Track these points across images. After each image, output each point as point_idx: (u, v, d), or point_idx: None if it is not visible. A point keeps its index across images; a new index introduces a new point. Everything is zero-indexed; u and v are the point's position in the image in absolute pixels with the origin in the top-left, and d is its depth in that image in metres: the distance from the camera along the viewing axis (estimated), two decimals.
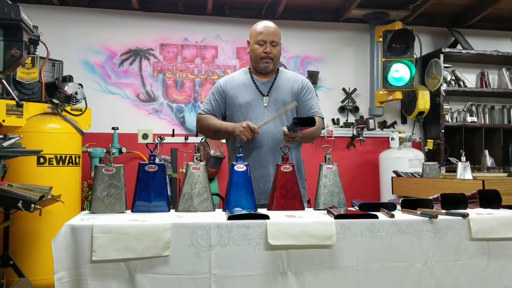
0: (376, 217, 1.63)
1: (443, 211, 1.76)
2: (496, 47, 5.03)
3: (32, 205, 2.40)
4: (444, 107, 4.75)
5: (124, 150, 4.30)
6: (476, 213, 1.75)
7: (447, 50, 4.83)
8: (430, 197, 1.90)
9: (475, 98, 5.18)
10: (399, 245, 1.60)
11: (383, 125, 5.06)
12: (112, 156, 1.84)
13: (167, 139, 4.58)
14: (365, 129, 4.93)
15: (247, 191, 1.88)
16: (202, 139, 4.48)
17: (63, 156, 3.30)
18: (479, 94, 5.10)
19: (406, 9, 4.70)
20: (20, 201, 2.39)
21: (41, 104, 3.34)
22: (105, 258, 1.44)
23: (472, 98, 5.17)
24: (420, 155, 4.60)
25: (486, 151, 4.52)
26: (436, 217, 1.63)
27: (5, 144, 2.48)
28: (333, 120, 4.95)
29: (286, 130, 2.15)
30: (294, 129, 2.10)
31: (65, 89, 3.38)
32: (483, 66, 5.21)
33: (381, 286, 1.58)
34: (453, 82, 5.04)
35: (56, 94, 3.38)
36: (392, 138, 4.74)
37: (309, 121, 2.05)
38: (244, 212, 1.64)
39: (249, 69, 2.53)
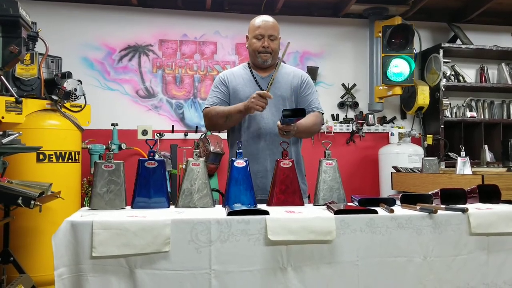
0: (375, 212, 1.63)
1: (443, 206, 1.76)
2: (496, 42, 5.03)
3: (32, 202, 2.40)
4: (444, 102, 4.75)
5: (123, 146, 4.30)
6: (475, 208, 1.75)
7: (447, 45, 4.82)
8: (430, 192, 1.90)
9: (474, 93, 5.18)
10: (398, 240, 1.61)
11: (382, 120, 5.06)
12: (112, 152, 1.84)
13: (167, 135, 4.58)
14: (364, 124, 4.93)
15: (247, 187, 1.88)
16: (201, 135, 4.48)
17: (63, 152, 3.30)
18: (478, 89, 5.10)
19: (405, 4, 4.69)
20: (20, 198, 2.39)
21: (40, 101, 3.33)
22: (105, 254, 1.44)
23: (472, 93, 5.17)
24: (420, 150, 4.60)
25: (486, 146, 4.51)
26: (435, 212, 1.64)
27: (5, 140, 2.47)
28: (332, 115, 4.95)
29: (280, 124, 2.14)
30: (286, 121, 2.09)
31: (64, 85, 3.38)
32: (482, 61, 5.21)
33: (380, 281, 1.59)
34: (452, 77, 5.04)
35: (55, 90, 3.37)
36: (392, 134, 4.75)
37: (299, 112, 2.03)
38: (244, 207, 1.64)
39: (248, 64, 2.52)
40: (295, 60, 4.89)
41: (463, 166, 3.22)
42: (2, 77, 2.49)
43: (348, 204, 1.87)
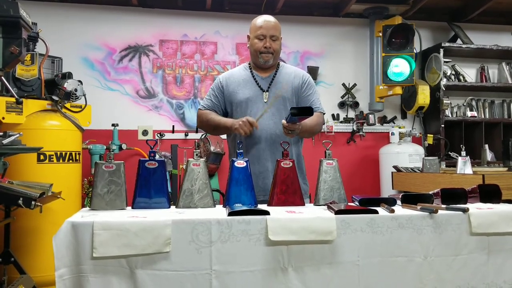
0: (376, 212, 1.63)
1: (443, 206, 1.76)
2: (496, 41, 5.02)
3: (33, 202, 2.40)
4: (444, 101, 4.75)
5: (124, 146, 4.30)
6: (476, 208, 1.75)
7: (447, 44, 4.81)
8: (430, 192, 1.90)
9: (475, 93, 5.18)
10: (399, 240, 1.61)
11: (383, 120, 5.05)
12: (112, 152, 1.84)
13: (167, 136, 4.58)
14: (365, 124, 4.93)
15: (248, 187, 1.88)
16: (202, 135, 4.48)
17: (63, 153, 3.30)
18: (479, 88, 5.10)
19: (405, 4, 4.69)
20: (21, 198, 2.39)
21: (41, 101, 3.33)
22: (106, 255, 1.45)
23: (472, 92, 5.17)
24: (420, 150, 4.60)
25: (486, 146, 4.51)
26: (436, 212, 1.64)
27: (5, 141, 2.47)
28: (333, 115, 4.94)
29: (285, 122, 2.14)
30: (293, 120, 2.09)
31: (65, 86, 3.38)
32: (483, 60, 5.20)
33: (381, 281, 1.59)
34: (453, 77, 5.04)
35: (55, 91, 3.37)
36: (392, 133, 4.74)
37: (307, 111, 2.03)
38: (244, 208, 1.64)
39: (249, 64, 2.52)
40: (296, 60, 4.89)
41: (464, 165, 3.22)
42: (2, 77, 2.50)
43: (349, 204, 1.87)
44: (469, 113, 5.01)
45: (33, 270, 2.97)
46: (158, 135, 4.54)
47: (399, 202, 1.86)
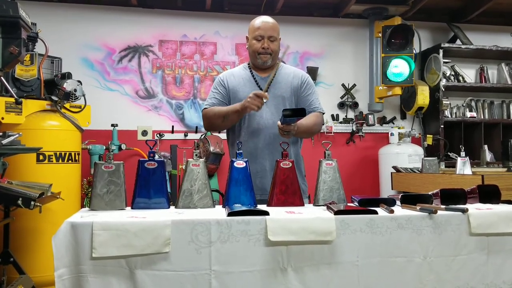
0: (375, 212, 1.63)
1: (443, 206, 1.76)
2: (496, 42, 5.03)
3: (32, 203, 2.40)
4: (444, 102, 4.75)
5: (123, 147, 4.30)
6: (475, 208, 1.75)
7: (447, 45, 4.82)
8: (430, 193, 1.90)
9: (474, 93, 5.18)
10: (398, 241, 1.61)
11: (382, 120, 5.06)
12: (112, 153, 1.84)
13: (167, 136, 4.58)
14: (364, 124, 4.93)
15: (247, 188, 1.88)
16: (201, 135, 4.48)
17: (63, 153, 3.30)
18: (478, 89, 5.10)
19: (405, 4, 4.69)
20: (20, 199, 2.39)
21: (40, 101, 3.33)
22: (105, 255, 1.44)
23: (472, 93, 5.17)
24: (420, 150, 4.61)
25: (486, 146, 4.52)
26: (435, 212, 1.64)
27: (5, 141, 2.47)
28: (332, 116, 4.95)
29: (280, 123, 2.14)
30: (286, 121, 2.09)
31: (64, 86, 3.38)
32: (482, 61, 5.21)
33: (380, 281, 1.59)
34: (452, 78, 5.04)
35: (55, 91, 3.37)
36: (392, 134, 4.75)
37: (300, 112, 2.02)
38: (244, 208, 1.64)
39: (249, 64, 2.52)
40: (295, 60, 4.89)
41: (463, 166, 3.22)
42: (2, 78, 2.50)
43: (348, 204, 1.87)
44: (468, 114, 5.02)
45: (33, 270, 2.97)
46: (158, 135, 4.54)
47: (398, 202, 1.86)
